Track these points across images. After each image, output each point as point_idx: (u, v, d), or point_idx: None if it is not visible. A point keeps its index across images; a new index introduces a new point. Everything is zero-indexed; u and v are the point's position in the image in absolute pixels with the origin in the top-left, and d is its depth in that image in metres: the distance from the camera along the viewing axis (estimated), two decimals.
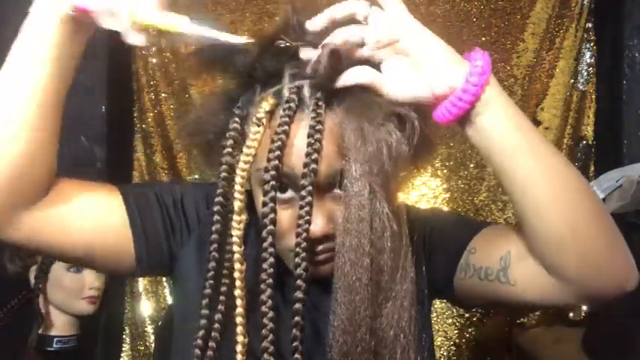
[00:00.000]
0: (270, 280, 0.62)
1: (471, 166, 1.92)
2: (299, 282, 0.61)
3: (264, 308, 0.62)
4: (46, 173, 0.64)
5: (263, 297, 0.62)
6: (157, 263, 0.72)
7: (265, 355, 0.62)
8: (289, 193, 0.65)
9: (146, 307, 1.93)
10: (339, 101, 0.62)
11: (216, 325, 0.65)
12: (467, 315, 1.88)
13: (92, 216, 0.67)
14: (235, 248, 0.64)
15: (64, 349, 1.43)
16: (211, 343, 0.64)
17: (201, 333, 0.65)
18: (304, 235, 0.61)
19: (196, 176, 1.96)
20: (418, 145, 0.63)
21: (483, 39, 1.91)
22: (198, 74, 0.69)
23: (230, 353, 0.64)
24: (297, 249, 0.61)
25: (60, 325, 1.44)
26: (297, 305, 0.61)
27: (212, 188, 0.68)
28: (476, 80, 0.57)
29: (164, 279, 1.91)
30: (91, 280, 1.44)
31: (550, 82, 1.91)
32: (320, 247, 0.65)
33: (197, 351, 0.64)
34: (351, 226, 0.60)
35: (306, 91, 0.63)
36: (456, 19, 1.91)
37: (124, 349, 1.91)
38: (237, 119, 0.66)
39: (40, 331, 1.41)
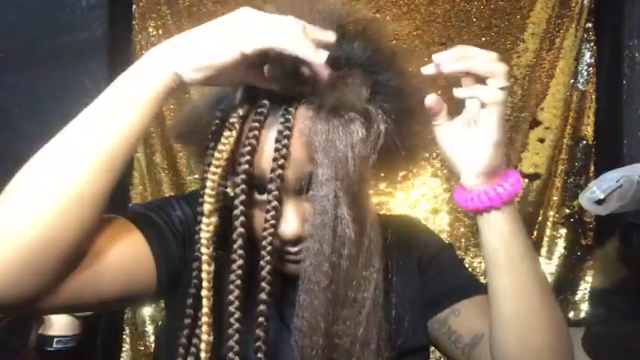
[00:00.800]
0: (239, 282, 0.63)
1: None
2: (263, 284, 0.63)
3: (231, 308, 0.63)
4: (94, 233, 0.60)
5: (231, 297, 0.63)
6: (172, 283, 0.71)
7: (230, 354, 0.63)
8: (265, 195, 0.66)
9: (146, 307, 1.93)
10: (311, 105, 0.63)
11: (199, 322, 0.66)
12: None
13: (125, 263, 0.64)
14: (203, 250, 0.64)
15: (64, 349, 1.43)
16: (195, 340, 0.66)
17: (185, 332, 0.66)
18: (269, 238, 0.63)
19: (196, 176, 1.95)
20: (387, 148, 0.65)
21: (483, 39, 1.91)
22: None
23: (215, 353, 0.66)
24: (262, 252, 0.64)
25: (60, 325, 1.44)
26: (261, 307, 0.63)
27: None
28: (513, 184, 0.63)
29: None
30: None
31: (550, 82, 1.91)
32: (294, 249, 0.67)
33: (181, 349, 0.66)
34: (315, 230, 0.62)
35: (279, 97, 0.64)
36: (456, 19, 1.91)
37: (124, 349, 1.91)
38: (217, 121, 0.67)
39: (40, 331, 1.41)
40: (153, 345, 1.89)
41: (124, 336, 1.91)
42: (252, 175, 0.64)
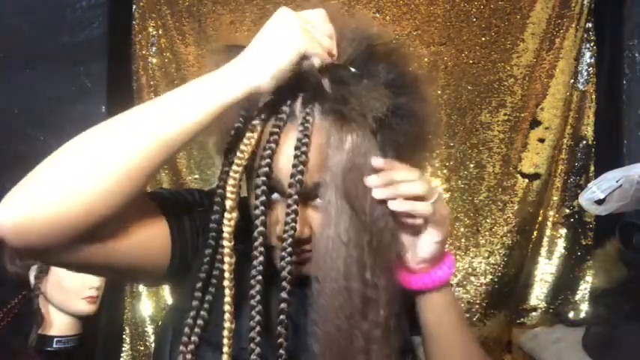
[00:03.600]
0: (260, 277, 0.67)
1: (471, 166, 1.92)
2: (284, 283, 0.67)
3: (252, 302, 0.67)
4: (127, 207, 0.63)
5: (252, 292, 0.66)
6: (181, 269, 0.74)
7: (252, 345, 0.67)
8: (275, 196, 0.70)
9: (146, 307, 1.93)
10: (326, 116, 0.67)
11: (206, 306, 0.70)
12: (467, 315, 1.88)
13: (143, 235, 0.68)
14: (225, 243, 0.68)
15: (64, 349, 1.43)
16: (199, 322, 0.70)
17: (192, 313, 0.70)
18: (289, 240, 0.66)
19: (196, 176, 1.96)
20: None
21: (483, 39, 1.91)
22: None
23: (218, 339, 0.69)
24: (283, 253, 0.67)
25: (60, 325, 1.44)
26: (283, 305, 0.67)
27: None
28: (449, 266, 0.73)
29: None
30: (90, 280, 1.44)
31: (550, 82, 1.91)
32: (297, 250, 0.70)
33: (187, 329, 0.70)
34: (323, 234, 0.66)
35: (299, 105, 0.69)
36: (456, 19, 1.92)
37: (124, 349, 1.91)
38: (241, 119, 0.71)
39: (40, 331, 1.41)
40: (153, 345, 1.89)
41: (124, 336, 1.91)
42: (271, 177, 0.68)
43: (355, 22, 0.71)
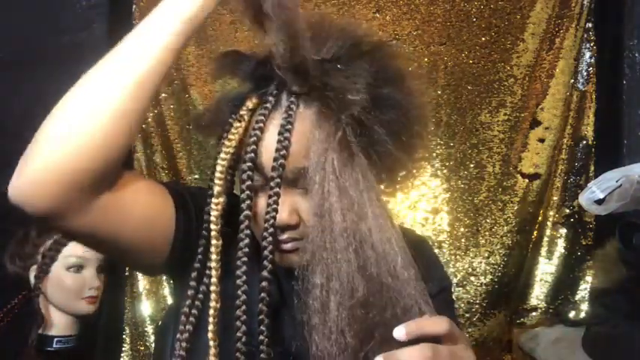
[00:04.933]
0: (245, 259, 0.69)
1: (471, 166, 1.92)
2: (265, 262, 0.69)
3: (238, 282, 0.69)
4: (124, 156, 0.66)
5: (238, 272, 0.69)
6: (179, 262, 0.76)
7: (237, 323, 0.69)
8: (260, 182, 0.73)
9: (146, 307, 1.93)
10: (310, 105, 0.70)
11: (200, 295, 0.73)
12: (467, 315, 1.88)
13: (149, 210, 0.71)
14: (212, 226, 0.72)
15: (64, 349, 1.43)
16: (194, 311, 0.72)
17: (188, 302, 0.73)
18: (271, 221, 0.69)
19: (196, 176, 1.96)
20: (386, 153, 0.70)
21: (483, 39, 1.91)
22: (216, 77, 0.79)
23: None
24: (264, 233, 0.69)
25: (60, 325, 1.44)
26: (264, 283, 0.69)
27: None
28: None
29: (164, 279, 1.91)
30: (90, 280, 1.44)
31: (550, 82, 1.91)
32: (284, 236, 0.73)
33: (182, 317, 0.73)
34: (312, 220, 0.68)
35: (284, 95, 0.71)
36: (456, 19, 1.91)
37: (124, 349, 1.91)
38: (230, 114, 0.74)
39: (40, 331, 1.41)
40: (153, 345, 1.89)
41: (124, 336, 1.91)
42: (256, 162, 0.71)
43: (344, 25, 0.74)
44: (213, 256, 0.72)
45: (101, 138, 0.62)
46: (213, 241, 0.72)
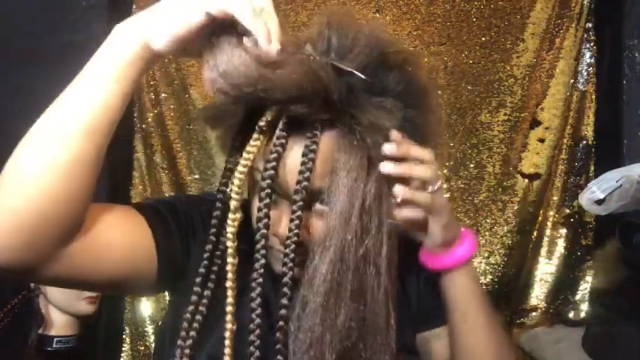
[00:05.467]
0: (261, 280, 0.66)
1: (471, 166, 1.92)
2: (285, 289, 0.66)
3: (253, 305, 0.66)
4: (88, 204, 0.63)
5: (253, 294, 0.66)
6: (173, 276, 0.74)
7: (252, 349, 0.66)
8: (275, 198, 0.70)
9: (146, 307, 1.93)
10: (338, 126, 0.67)
11: (204, 301, 0.71)
12: None
13: (126, 242, 0.68)
14: (229, 244, 0.68)
15: (64, 349, 1.43)
16: (198, 317, 0.70)
17: (191, 308, 0.70)
18: (293, 246, 0.66)
19: (196, 176, 1.96)
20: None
21: (483, 39, 1.91)
22: None
23: (216, 340, 0.70)
24: (285, 259, 0.67)
25: (60, 325, 1.44)
26: (282, 311, 0.67)
27: (213, 198, 0.74)
28: (468, 247, 0.75)
29: None
30: None
31: (550, 82, 1.91)
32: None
33: (185, 324, 0.70)
34: (327, 241, 0.66)
35: (307, 111, 0.66)
36: (456, 19, 1.91)
37: (124, 349, 1.91)
38: (243, 116, 0.70)
39: (40, 331, 1.41)
40: (153, 345, 1.89)
41: (124, 336, 1.91)
42: (276, 181, 0.68)
43: (368, 28, 0.70)
44: (230, 275, 0.68)
45: (55, 185, 0.59)
46: (230, 259, 0.68)
